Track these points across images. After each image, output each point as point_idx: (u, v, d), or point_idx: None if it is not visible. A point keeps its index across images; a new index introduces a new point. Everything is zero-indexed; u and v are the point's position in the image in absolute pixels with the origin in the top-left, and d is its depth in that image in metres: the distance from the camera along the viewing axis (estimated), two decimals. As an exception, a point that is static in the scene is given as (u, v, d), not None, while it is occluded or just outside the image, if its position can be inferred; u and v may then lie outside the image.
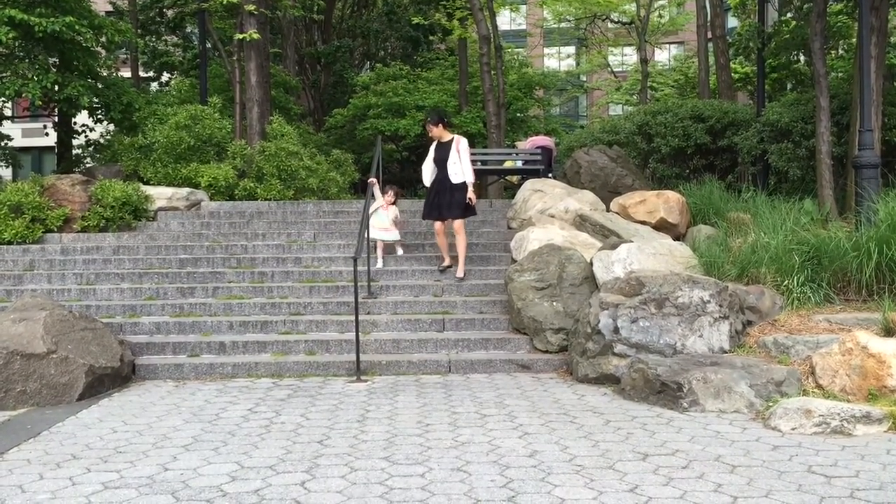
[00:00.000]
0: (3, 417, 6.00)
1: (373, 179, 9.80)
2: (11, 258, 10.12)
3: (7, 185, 11.42)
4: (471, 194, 9.14)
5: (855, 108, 9.91)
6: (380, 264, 9.67)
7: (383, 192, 9.95)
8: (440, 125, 9.33)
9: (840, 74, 14.62)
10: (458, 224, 9.23)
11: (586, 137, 15.13)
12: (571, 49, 38.70)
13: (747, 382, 5.91)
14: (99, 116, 15.17)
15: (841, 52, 16.37)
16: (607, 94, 34.37)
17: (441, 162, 9.26)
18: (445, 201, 9.21)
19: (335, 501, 4.03)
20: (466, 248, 9.38)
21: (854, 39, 12.54)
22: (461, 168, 9.15)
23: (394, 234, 9.87)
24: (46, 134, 17.36)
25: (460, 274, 9.25)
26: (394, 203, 9.95)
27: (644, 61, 25.23)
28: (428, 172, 9.47)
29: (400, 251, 10.00)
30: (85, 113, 14.70)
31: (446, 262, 9.47)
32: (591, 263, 8.20)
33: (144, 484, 4.35)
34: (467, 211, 9.28)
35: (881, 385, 5.74)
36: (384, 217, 9.76)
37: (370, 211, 9.79)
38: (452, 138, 9.32)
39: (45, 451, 5.05)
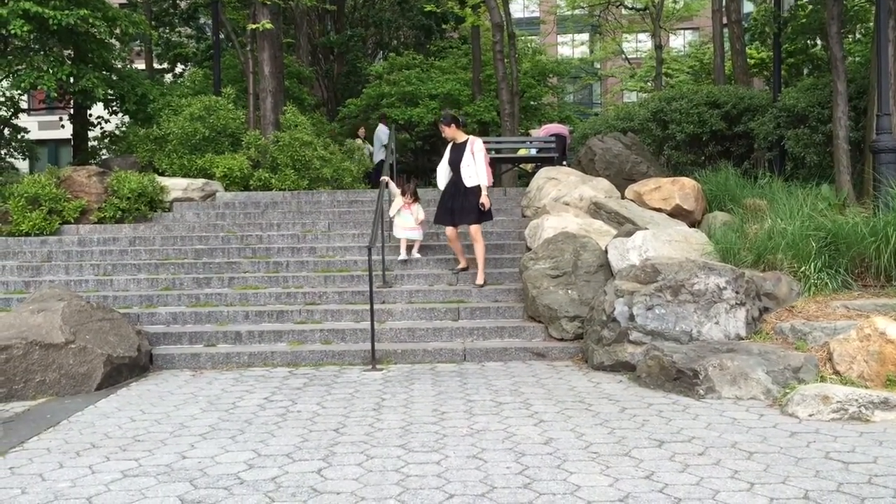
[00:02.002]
0: (22, 407, 6.07)
1: (384, 178, 9.67)
2: (29, 249, 10.22)
3: (24, 178, 11.51)
4: (484, 199, 8.71)
5: (872, 92, 9.79)
6: (403, 255, 9.57)
7: (400, 190, 9.67)
8: (452, 125, 8.94)
9: (857, 59, 14.45)
10: (473, 230, 8.83)
11: (600, 125, 15.05)
12: (585, 36, 38.45)
13: (764, 369, 5.88)
14: (114, 108, 15.25)
15: (858, 35, 16.18)
16: (621, 81, 34.17)
17: (455, 164, 8.89)
18: (458, 206, 8.83)
19: (351, 489, 4.05)
20: (485, 253, 8.95)
21: (871, 23, 12.40)
22: (475, 170, 8.77)
23: (419, 234, 9.64)
24: (62, 126, 17.46)
25: (480, 280, 8.88)
26: (415, 201, 9.60)
27: (658, 47, 25.02)
28: (442, 175, 9.10)
29: (416, 254, 9.68)
30: (100, 105, 14.77)
31: (462, 264, 9.16)
32: (606, 251, 8.17)
33: (163, 472, 4.39)
34: (483, 216, 8.88)
35: (900, 371, 5.70)
36: (408, 217, 9.53)
37: (392, 213, 9.62)
38: (467, 139, 8.93)
39: (65, 440, 5.10)
